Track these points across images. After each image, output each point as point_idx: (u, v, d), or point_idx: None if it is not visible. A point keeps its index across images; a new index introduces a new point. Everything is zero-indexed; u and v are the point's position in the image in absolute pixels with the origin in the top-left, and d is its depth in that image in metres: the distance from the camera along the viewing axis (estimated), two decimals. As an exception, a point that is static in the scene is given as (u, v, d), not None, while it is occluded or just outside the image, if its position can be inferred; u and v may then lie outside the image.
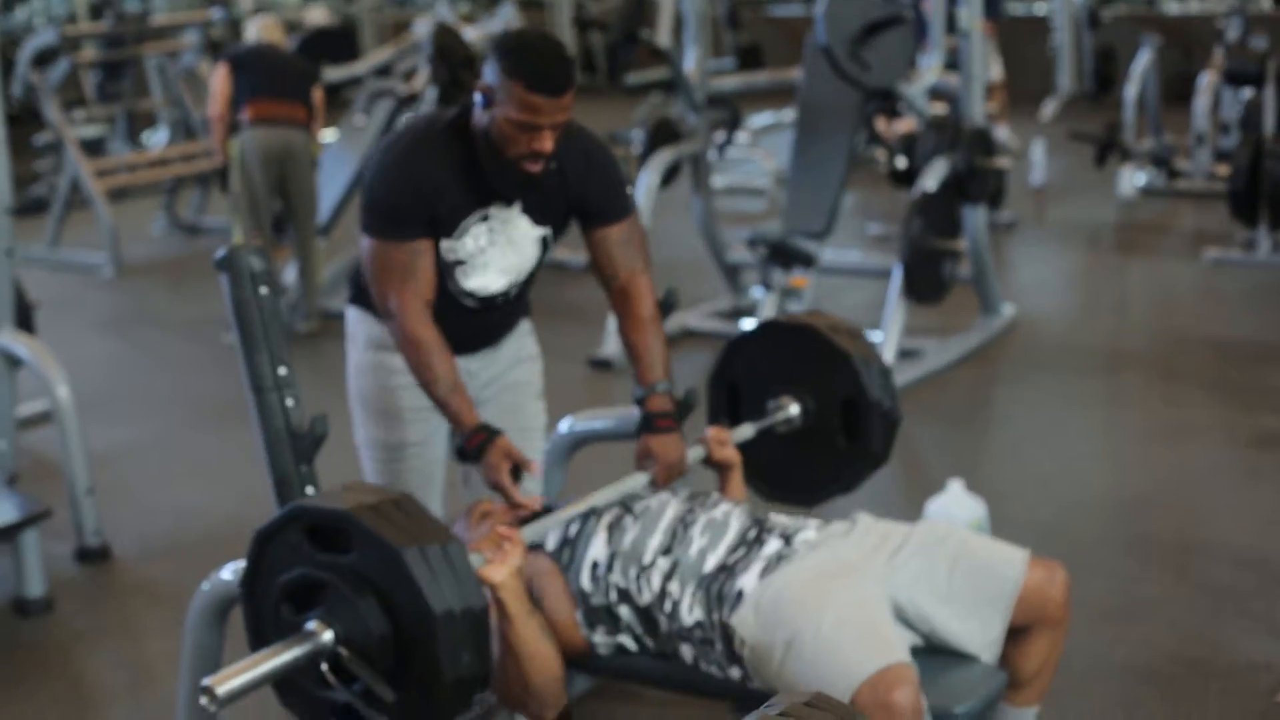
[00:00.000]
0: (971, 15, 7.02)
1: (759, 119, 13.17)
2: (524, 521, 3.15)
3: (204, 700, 2.35)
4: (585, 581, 3.14)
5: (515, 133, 3.13)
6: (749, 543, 3.09)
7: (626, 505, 3.21)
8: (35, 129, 10.64)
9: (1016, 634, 3.09)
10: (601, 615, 3.14)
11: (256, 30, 8.01)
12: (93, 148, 11.44)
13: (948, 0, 7.41)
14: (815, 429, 3.69)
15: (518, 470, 3.20)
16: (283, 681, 2.60)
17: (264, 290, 2.97)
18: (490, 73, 3.13)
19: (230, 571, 3.09)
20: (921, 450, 6.05)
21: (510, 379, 3.60)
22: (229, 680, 2.38)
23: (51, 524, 4.80)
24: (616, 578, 3.11)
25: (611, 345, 6.88)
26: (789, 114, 11.60)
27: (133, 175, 10.78)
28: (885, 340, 6.49)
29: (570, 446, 4.09)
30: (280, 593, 2.55)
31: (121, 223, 9.86)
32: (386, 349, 3.43)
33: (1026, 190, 10.66)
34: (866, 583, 3.01)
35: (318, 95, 7.91)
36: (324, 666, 2.50)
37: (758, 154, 11.57)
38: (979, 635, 3.04)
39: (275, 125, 7.64)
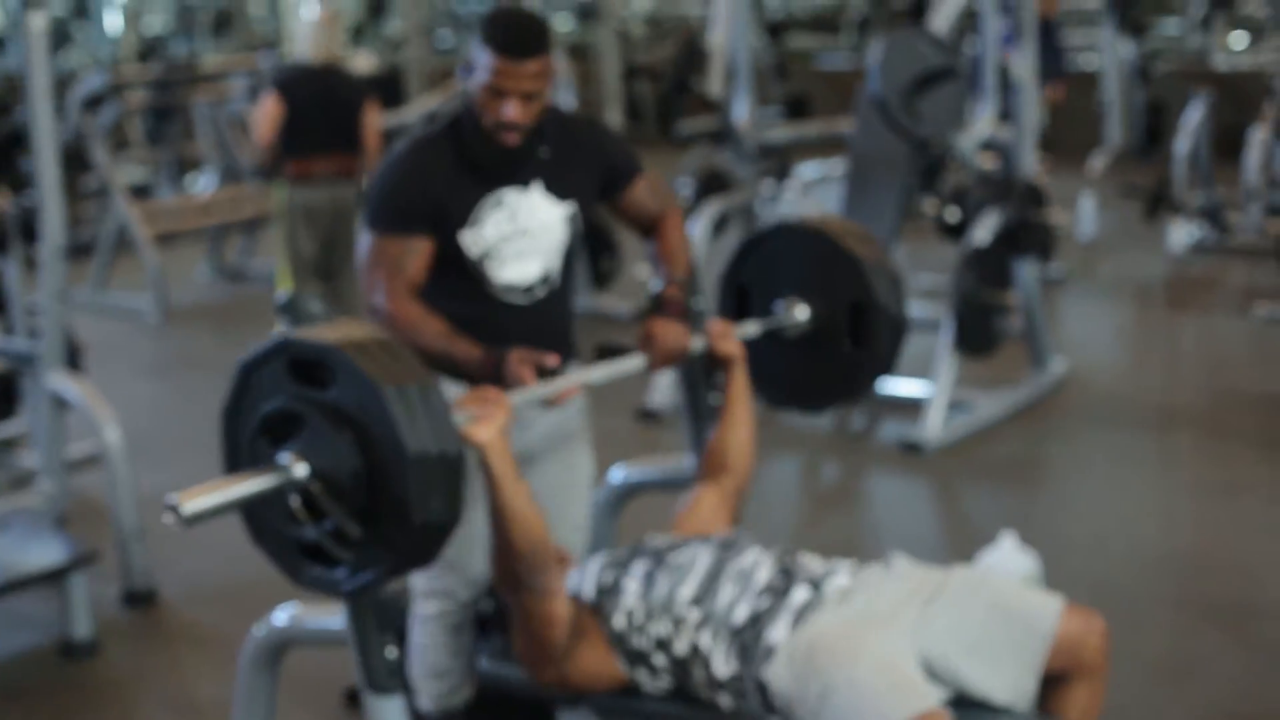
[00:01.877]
0: (1025, 66, 7.00)
1: (807, 170, 13.17)
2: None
3: (168, 518, 2.34)
4: (620, 625, 3.14)
5: (487, 99, 3.22)
6: (776, 591, 3.08)
7: (659, 557, 3.20)
8: (82, 173, 10.69)
9: (1055, 682, 3.04)
10: (639, 659, 3.14)
11: (308, 42, 7.18)
12: (140, 192, 11.52)
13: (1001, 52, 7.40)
14: (822, 333, 3.67)
15: (543, 370, 3.18)
16: (255, 519, 2.63)
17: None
18: (473, 45, 3.23)
19: (283, 616, 3.07)
20: (971, 504, 6.01)
21: (562, 429, 3.55)
22: (195, 499, 2.38)
23: (99, 566, 4.80)
24: (654, 628, 3.11)
25: (660, 397, 6.83)
26: (838, 165, 11.61)
27: (179, 220, 10.82)
28: (936, 393, 6.46)
29: (621, 496, 4.08)
30: (259, 425, 2.57)
31: (167, 267, 9.89)
32: None
33: (1075, 245, 10.62)
34: (896, 637, 2.99)
35: (371, 120, 7.22)
36: (295, 502, 2.51)
37: (807, 205, 11.55)
38: (1010, 689, 3.00)
39: (322, 184, 7.14)
